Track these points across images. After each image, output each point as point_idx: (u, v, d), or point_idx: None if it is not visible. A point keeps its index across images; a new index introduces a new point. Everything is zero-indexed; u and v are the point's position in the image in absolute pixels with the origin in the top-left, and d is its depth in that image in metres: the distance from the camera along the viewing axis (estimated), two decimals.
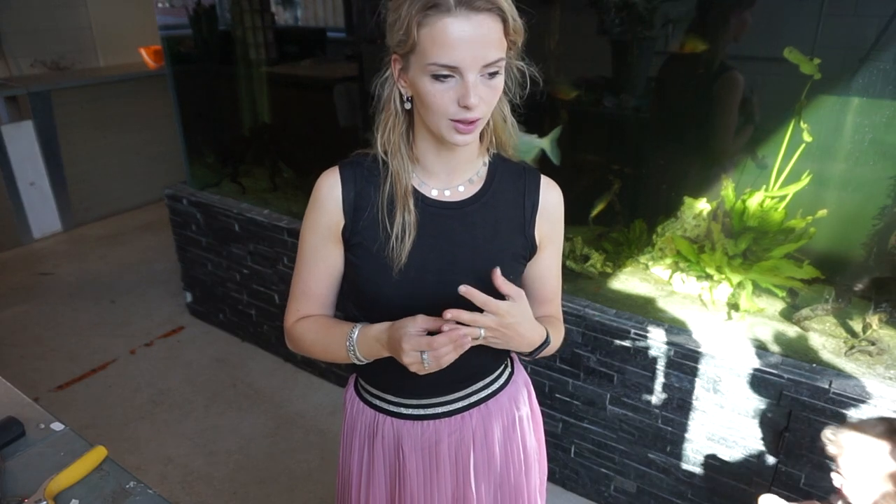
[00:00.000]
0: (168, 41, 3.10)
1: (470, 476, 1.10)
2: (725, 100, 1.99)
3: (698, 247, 2.01)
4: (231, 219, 2.81)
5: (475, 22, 0.80)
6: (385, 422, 1.10)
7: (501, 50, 0.85)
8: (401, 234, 0.95)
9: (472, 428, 1.09)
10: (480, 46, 0.81)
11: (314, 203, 1.01)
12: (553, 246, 1.07)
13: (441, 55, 0.81)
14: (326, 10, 3.43)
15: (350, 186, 0.99)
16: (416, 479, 1.10)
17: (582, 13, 2.22)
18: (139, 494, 1.02)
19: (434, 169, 0.98)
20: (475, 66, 0.82)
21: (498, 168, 1.02)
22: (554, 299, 1.13)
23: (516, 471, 1.17)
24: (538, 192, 1.03)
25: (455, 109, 0.85)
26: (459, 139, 0.88)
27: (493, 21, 0.82)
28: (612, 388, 1.92)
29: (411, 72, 0.87)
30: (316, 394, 2.70)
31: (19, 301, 3.51)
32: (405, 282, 0.97)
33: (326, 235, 1.01)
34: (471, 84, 0.83)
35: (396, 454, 1.10)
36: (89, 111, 4.36)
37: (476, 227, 0.99)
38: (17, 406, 1.22)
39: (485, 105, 0.86)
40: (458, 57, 0.81)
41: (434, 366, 0.86)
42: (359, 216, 0.98)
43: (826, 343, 1.74)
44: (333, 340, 1.00)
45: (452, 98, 0.84)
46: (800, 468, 1.65)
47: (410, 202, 0.96)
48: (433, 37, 0.81)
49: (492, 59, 0.83)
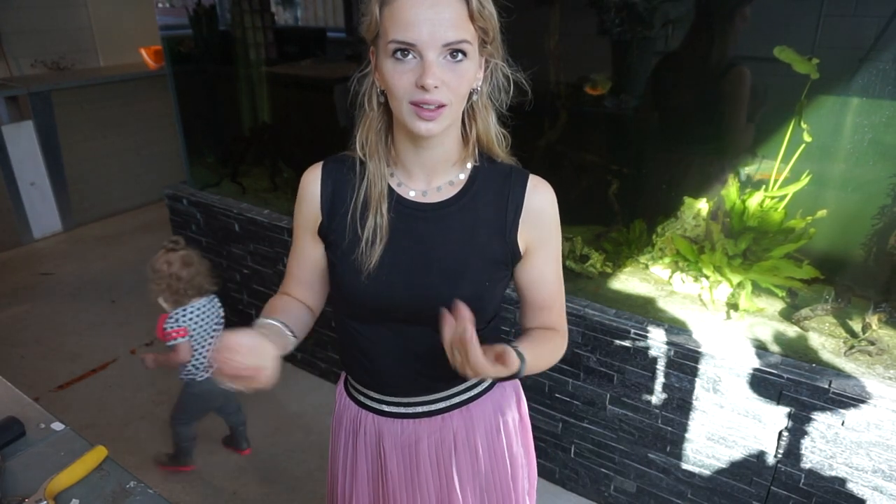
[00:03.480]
0: (168, 41, 3.10)
1: (454, 479, 1.10)
2: (736, 95, 1.97)
3: (698, 247, 2.02)
4: (231, 219, 2.81)
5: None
6: (367, 418, 1.10)
7: (464, 32, 0.83)
8: (371, 238, 0.95)
9: (452, 430, 1.09)
10: (439, 24, 0.81)
11: (298, 197, 1.03)
12: (545, 250, 1.02)
13: (399, 31, 0.82)
14: (326, 10, 3.43)
15: (329, 184, 0.99)
16: (397, 477, 1.10)
17: (583, 12, 2.22)
18: (139, 494, 1.02)
19: (413, 169, 0.97)
20: (433, 44, 0.81)
21: (482, 170, 0.99)
22: (552, 306, 1.06)
23: (502, 476, 1.16)
24: (523, 196, 0.98)
25: (413, 90, 0.83)
26: (422, 126, 0.85)
27: (454, 0, 0.82)
28: (611, 388, 1.92)
29: (379, 59, 0.87)
30: (316, 394, 2.70)
31: (19, 301, 3.51)
32: (376, 283, 0.96)
33: (307, 229, 1.03)
34: (428, 63, 0.82)
35: (378, 451, 1.11)
36: (89, 111, 4.37)
37: (452, 231, 0.97)
38: (18, 406, 1.22)
39: (447, 90, 0.84)
40: (415, 34, 0.81)
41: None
42: (334, 214, 0.99)
43: (826, 343, 1.74)
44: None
45: (411, 79, 0.83)
46: (800, 468, 1.66)
47: (384, 206, 0.95)
48: (392, 14, 0.82)
49: (451, 38, 0.82)
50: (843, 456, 1.58)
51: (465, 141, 0.98)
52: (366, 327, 1.02)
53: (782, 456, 1.68)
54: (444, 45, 0.82)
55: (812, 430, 1.61)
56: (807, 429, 1.61)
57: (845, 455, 1.58)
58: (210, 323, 2.08)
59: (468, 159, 0.99)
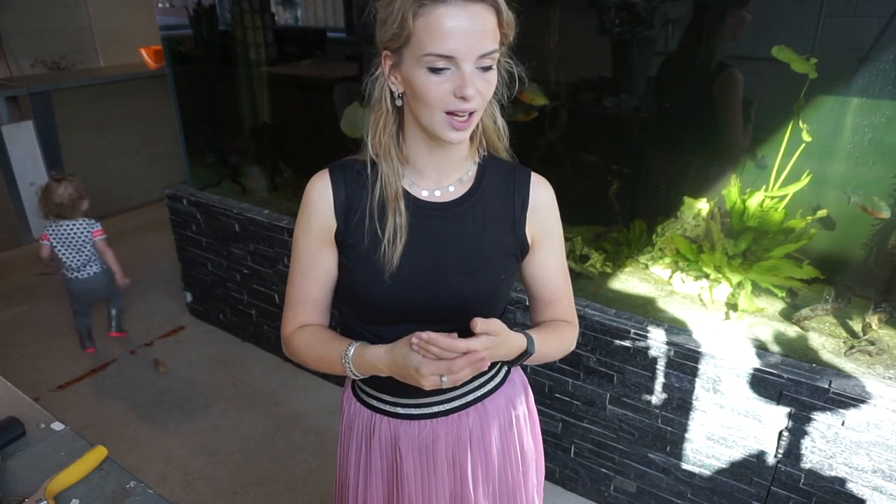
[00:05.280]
0: (168, 41, 3.10)
1: (468, 476, 1.10)
2: (726, 98, 1.98)
3: (698, 247, 2.02)
4: (231, 219, 2.81)
5: (470, 11, 0.81)
6: (382, 422, 1.10)
7: (496, 41, 0.85)
8: (392, 238, 0.95)
9: (468, 427, 1.09)
10: (476, 36, 0.82)
11: (305, 208, 1.00)
12: (549, 244, 1.06)
13: (437, 45, 0.82)
14: (326, 10, 3.43)
15: (341, 189, 0.98)
16: (413, 479, 1.10)
17: (583, 12, 2.23)
18: (139, 494, 1.02)
19: (425, 169, 0.98)
20: (471, 55, 0.82)
21: (488, 167, 1.02)
22: (561, 300, 1.10)
23: (514, 471, 1.17)
24: (528, 190, 1.02)
25: (451, 100, 0.85)
26: (454, 136, 0.88)
27: (487, 11, 0.83)
28: (611, 388, 1.92)
29: (405, 66, 0.86)
30: (316, 394, 2.70)
31: (19, 301, 3.51)
32: (398, 284, 0.96)
33: (319, 239, 1.01)
34: (468, 74, 0.83)
35: (393, 454, 1.10)
36: (89, 111, 4.37)
37: (467, 226, 0.99)
38: (18, 406, 1.22)
39: (480, 98, 0.86)
40: (455, 46, 0.81)
41: (450, 384, 0.88)
42: (350, 219, 0.98)
43: (826, 343, 1.74)
44: (329, 355, 1.00)
45: (448, 90, 0.84)
46: (800, 468, 1.66)
47: (401, 205, 0.95)
48: (429, 27, 0.82)
49: (487, 49, 0.83)
50: (843, 456, 1.58)
51: (471, 137, 0.99)
52: (383, 329, 1.01)
53: (782, 456, 1.68)
54: (480, 56, 0.83)
55: (812, 430, 1.61)
56: (807, 429, 1.61)
57: (845, 455, 1.58)
58: (79, 236, 2.80)
59: (475, 154, 1.01)
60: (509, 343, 0.94)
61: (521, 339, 0.97)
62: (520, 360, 0.99)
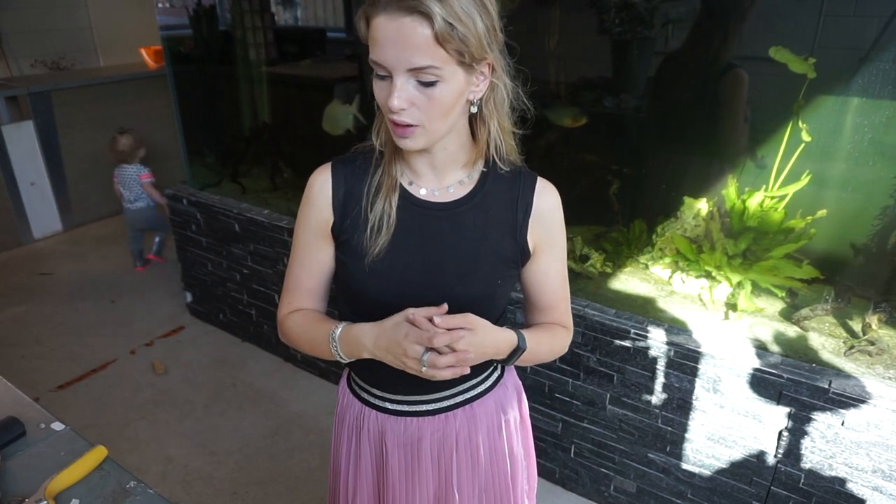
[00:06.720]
0: (168, 41, 3.10)
1: (453, 477, 1.10)
2: (731, 98, 1.98)
3: (698, 247, 2.02)
4: (231, 219, 2.81)
5: (398, 23, 0.79)
6: (370, 415, 1.11)
7: (431, 58, 0.80)
8: (377, 224, 0.96)
9: (455, 429, 1.09)
10: (403, 48, 0.80)
11: (306, 200, 1.02)
12: (550, 252, 1.04)
13: (373, 52, 0.83)
14: (326, 11, 3.44)
15: (341, 183, 0.99)
16: (398, 474, 1.10)
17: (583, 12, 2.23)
18: (139, 494, 1.02)
19: (419, 169, 0.98)
20: (399, 67, 0.82)
21: (493, 171, 1.00)
22: (557, 306, 1.09)
23: (502, 475, 1.16)
24: (532, 196, 1.01)
25: (387, 109, 0.86)
26: (401, 143, 0.89)
27: (417, 24, 0.79)
28: (611, 388, 1.92)
29: None
30: (316, 394, 2.70)
31: (19, 301, 3.51)
32: (391, 281, 0.97)
33: (317, 232, 1.02)
34: (397, 86, 0.83)
35: (380, 448, 1.11)
36: (89, 111, 4.36)
37: (465, 229, 0.98)
38: (18, 406, 1.22)
39: (418, 112, 0.85)
40: (383, 55, 0.82)
41: (431, 372, 0.87)
42: (347, 213, 0.99)
43: (826, 343, 1.74)
44: (318, 336, 1.01)
45: (386, 97, 0.85)
46: (800, 468, 1.66)
47: (395, 196, 0.96)
48: (371, 33, 0.83)
49: (417, 64, 0.80)
50: (843, 456, 1.58)
51: (474, 142, 0.98)
52: None
53: (782, 456, 1.68)
54: (408, 70, 0.82)
55: (812, 430, 1.61)
56: (807, 429, 1.61)
57: (845, 455, 1.58)
58: (132, 177, 3.64)
59: (478, 162, 1.00)
60: (495, 336, 0.94)
61: (510, 334, 0.97)
62: (512, 357, 0.99)
